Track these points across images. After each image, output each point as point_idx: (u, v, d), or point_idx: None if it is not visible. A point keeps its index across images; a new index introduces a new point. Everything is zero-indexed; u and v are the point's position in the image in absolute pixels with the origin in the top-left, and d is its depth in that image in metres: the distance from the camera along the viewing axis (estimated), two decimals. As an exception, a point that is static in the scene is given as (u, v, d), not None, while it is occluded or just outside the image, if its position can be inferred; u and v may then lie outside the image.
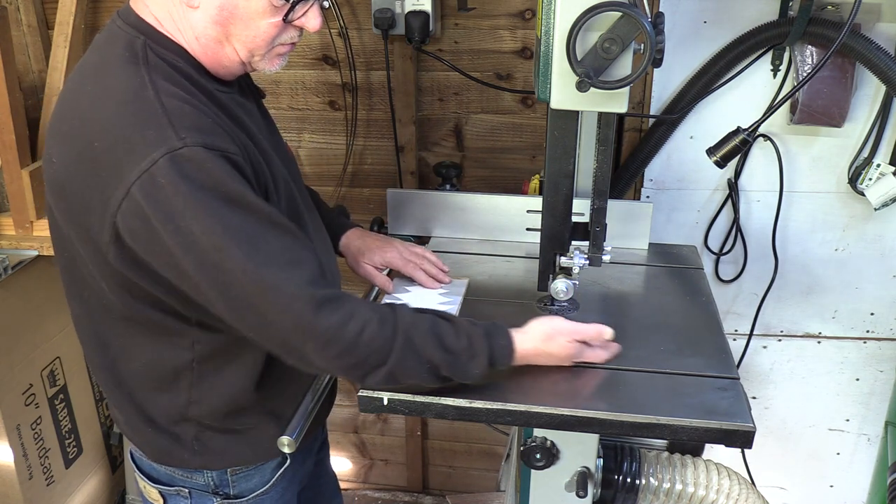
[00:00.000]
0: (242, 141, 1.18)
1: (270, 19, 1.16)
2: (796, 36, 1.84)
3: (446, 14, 2.07)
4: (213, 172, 1.08)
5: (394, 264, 1.59)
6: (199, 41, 1.17)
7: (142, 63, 1.13)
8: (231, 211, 1.08)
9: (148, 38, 1.16)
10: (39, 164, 2.08)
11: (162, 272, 1.12)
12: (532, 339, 1.28)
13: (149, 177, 1.05)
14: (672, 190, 2.14)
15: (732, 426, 1.19)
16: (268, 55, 1.21)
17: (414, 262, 1.60)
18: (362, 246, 1.60)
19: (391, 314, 1.18)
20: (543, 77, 1.23)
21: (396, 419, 2.62)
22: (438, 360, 1.19)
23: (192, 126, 1.09)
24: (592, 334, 1.32)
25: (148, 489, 1.41)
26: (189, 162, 1.06)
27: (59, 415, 2.31)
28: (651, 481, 1.48)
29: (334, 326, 1.12)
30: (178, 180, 1.05)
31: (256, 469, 1.39)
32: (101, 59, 1.18)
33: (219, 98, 1.20)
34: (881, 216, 2.07)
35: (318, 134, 2.26)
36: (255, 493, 1.40)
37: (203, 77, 1.19)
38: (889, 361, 2.26)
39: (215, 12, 1.14)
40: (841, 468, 2.43)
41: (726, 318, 2.25)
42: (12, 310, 2.11)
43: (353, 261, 1.60)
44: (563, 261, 1.46)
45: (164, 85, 1.12)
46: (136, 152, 1.06)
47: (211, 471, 1.35)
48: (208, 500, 1.38)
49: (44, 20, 2.22)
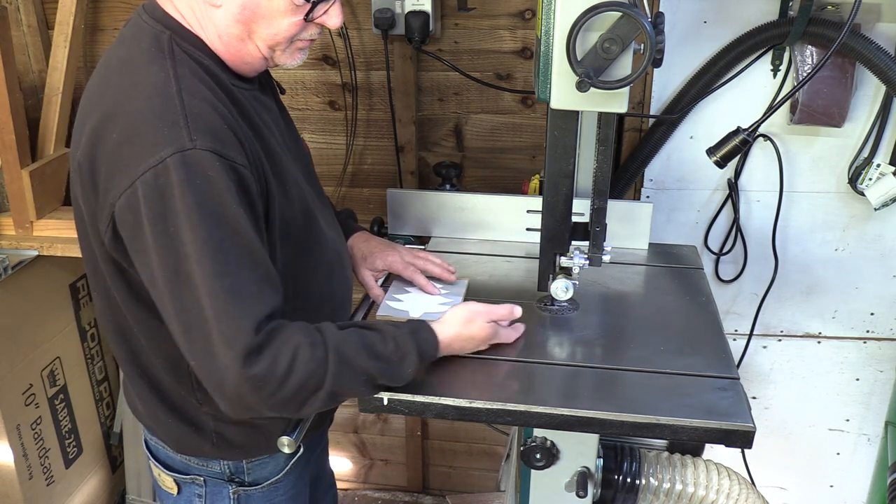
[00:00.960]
0: (253, 147, 1.19)
1: (292, 18, 1.18)
2: (796, 36, 1.84)
3: (446, 14, 2.07)
4: (215, 182, 1.09)
5: (395, 268, 1.59)
6: (221, 39, 1.19)
7: (168, 57, 1.15)
8: (219, 226, 1.09)
9: (174, 32, 1.18)
10: (39, 164, 2.09)
11: (139, 270, 1.13)
12: (452, 326, 1.30)
13: (153, 174, 1.07)
14: (672, 190, 2.14)
15: (732, 426, 1.19)
16: (288, 49, 1.23)
17: (415, 265, 1.60)
18: (366, 250, 1.61)
19: (319, 335, 1.17)
20: (543, 77, 1.23)
21: (396, 419, 2.62)
22: (373, 370, 1.19)
23: (207, 129, 1.10)
24: (504, 314, 1.37)
25: (163, 477, 1.44)
26: (195, 165, 1.07)
27: (59, 415, 2.31)
28: (651, 481, 1.48)
29: (263, 371, 1.11)
30: (179, 184, 1.06)
31: (271, 457, 1.41)
32: (127, 53, 1.19)
33: (237, 96, 1.21)
34: (881, 216, 2.07)
35: (318, 134, 2.26)
36: (270, 481, 1.42)
37: (224, 73, 1.21)
38: (889, 361, 2.26)
39: (237, 11, 1.16)
40: (841, 468, 2.43)
41: (726, 318, 2.25)
42: (12, 310, 2.11)
43: (356, 264, 1.61)
44: (563, 261, 1.46)
45: (189, 81, 1.14)
46: (147, 147, 1.08)
47: (227, 460, 1.38)
48: (223, 488, 1.40)
49: (44, 20, 2.22)
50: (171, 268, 1.08)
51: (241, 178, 1.12)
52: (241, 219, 1.11)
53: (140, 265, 1.12)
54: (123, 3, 2.19)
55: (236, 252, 1.10)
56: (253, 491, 1.41)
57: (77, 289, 2.35)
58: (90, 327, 2.43)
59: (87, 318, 2.40)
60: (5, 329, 2.09)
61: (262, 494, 1.42)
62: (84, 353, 2.41)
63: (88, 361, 2.44)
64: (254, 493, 1.41)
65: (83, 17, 2.15)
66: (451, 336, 1.30)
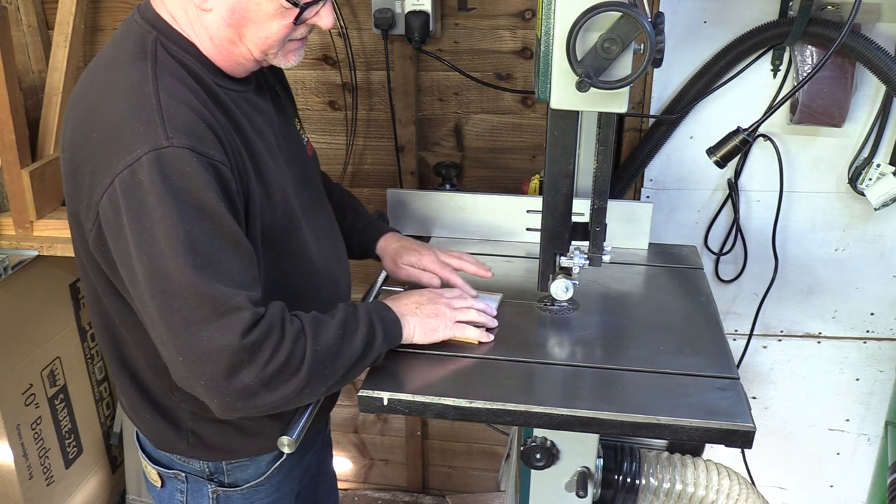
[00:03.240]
0: (235, 146, 1.19)
1: (282, 21, 1.18)
2: (796, 36, 1.84)
3: (446, 14, 2.07)
4: (192, 178, 1.09)
5: (430, 268, 1.56)
6: (213, 42, 1.20)
7: (149, 58, 1.16)
8: (199, 220, 1.09)
9: (161, 34, 1.19)
10: (39, 164, 2.09)
11: (121, 270, 1.14)
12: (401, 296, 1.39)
13: (130, 172, 1.07)
14: (672, 190, 2.14)
15: (732, 426, 1.19)
16: (281, 52, 1.24)
17: (452, 265, 1.57)
18: (400, 249, 1.59)
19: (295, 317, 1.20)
20: (543, 77, 1.23)
21: (396, 419, 2.62)
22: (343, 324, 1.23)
23: (183, 127, 1.10)
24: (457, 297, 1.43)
25: (149, 469, 1.45)
26: (171, 162, 1.08)
27: (59, 415, 2.31)
28: (651, 481, 1.48)
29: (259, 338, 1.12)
30: (156, 180, 1.07)
31: (252, 460, 1.40)
32: (113, 53, 1.21)
33: (222, 98, 1.21)
34: (881, 216, 2.07)
35: (318, 134, 2.26)
36: (250, 484, 1.41)
37: (211, 75, 1.21)
38: (889, 361, 2.26)
39: (227, 15, 1.16)
40: (841, 468, 2.43)
41: (726, 318, 2.25)
42: (12, 310, 2.11)
43: (392, 263, 1.59)
44: (563, 261, 1.46)
45: (167, 81, 1.14)
46: (124, 145, 1.09)
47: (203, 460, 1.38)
48: (203, 486, 1.40)
49: (44, 20, 2.22)
50: (149, 264, 1.09)
51: (219, 174, 1.13)
52: (221, 211, 1.11)
53: (121, 263, 1.13)
54: (123, 3, 2.19)
55: (219, 244, 1.11)
56: (232, 492, 1.41)
57: (77, 289, 2.35)
58: (90, 327, 2.43)
59: (87, 318, 2.40)
60: (5, 329, 2.09)
61: (242, 497, 1.42)
62: (84, 353, 2.41)
63: (88, 361, 2.44)
64: (233, 494, 1.41)
65: (83, 17, 2.15)
66: (401, 303, 1.36)
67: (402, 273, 1.58)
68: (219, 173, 1.13)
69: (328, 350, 1.19)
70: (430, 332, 1.35)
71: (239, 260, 1.14)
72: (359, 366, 1.25)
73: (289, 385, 1.15)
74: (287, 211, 1.30)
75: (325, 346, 1.18)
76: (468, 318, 1.40)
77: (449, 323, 1.37)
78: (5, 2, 2.13)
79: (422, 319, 1.35)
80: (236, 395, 1.13)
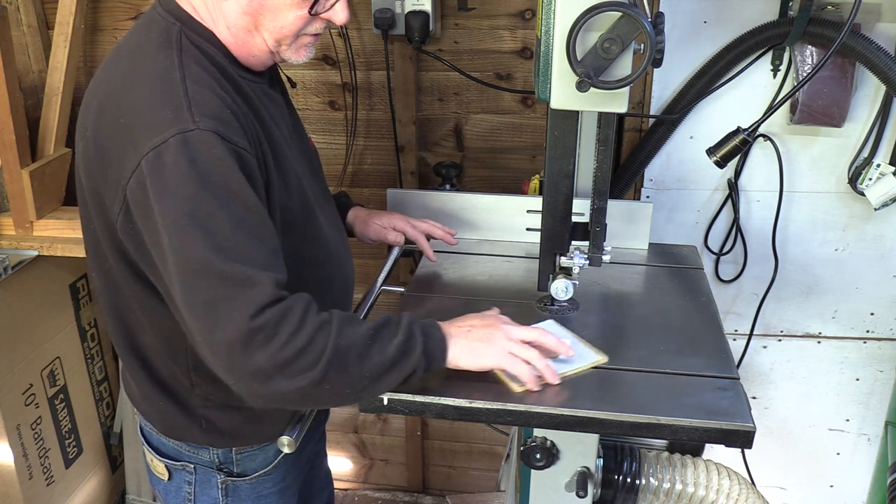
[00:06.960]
0: (256, 134, 1.21)
1: (298, 11, 1.21)
2: (796, 36, 1.84)
3: (446, 14, 2.07)
4: (219, 160, 1.11)
5: (401, 227, 1.66)
6: (230, 30, 1.22)
7: (175, 47, 1.19)
8: (225, 201, 1.10)
9: (184, 25, 1.22)
10: (39, 164, 2.09)
11: (151, 250, 1.15)
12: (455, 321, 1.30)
13: (156, 153, 1.09)
14: (672, 190, 2.14)
15: (732, 426, 1.19)
16: (294, 45, 1.26)
17: (420, 227, 1.66)
18: (371, 213, 1.69)
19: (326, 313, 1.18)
20: (543, 77, 1.23)
21: (396, 419, 2.62)
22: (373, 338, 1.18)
23: (209, 113, 1.13)
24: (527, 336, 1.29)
25: (155, 462, 1.45)
26: (198, 145, 1.10)
27: (59, 415, 2.31)
28: (651, 481, 1.48)
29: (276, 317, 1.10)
30: (183, 161, 1.08)
31: (261, 449, 1.42)
32: (137, 42, 1.23)
33: (244, 88, 1.24)
34: (881, 216, 2.07)
35: (318, 134, 2.26)
36: (258, 473, 1.43)
37: (232, 66, 1.24)
38: (889, 361, 2.26)
39: (245, 2, 1.19)
40: (841, 468, 2.43)
41: (726, 318, 2.25)
42: (12, 310, 2.11)
43: (363, 225, 1.66)
44: (563, 261, 1.46)
45: (193, 69, 1.17)
46: (152, 129, 1.10)
47: (216, 448, 1.38)
48: (212, 476, 1.41)
49: (44, 20, 2.22)
50: (175, 242, 1.09)
51: (243, 160, 1.14)
52: (248, 192, 1.13)
53: (151, 243, 1.13)
54: (123, 2, 2.19)
55: (245, 224, 1.12)
56: (241, 482, 1.42)
57: (77, 289, 2.35)
58: (90, 327, 2.43)
59: (87, 318, 2.40)
60: (5, 329, 2.09)
61: (250, 486, 1.43)
62: (84, 353, 2.41)
63: (88, 361, 2.44)
64: (241, 483, 1.42)
65: (83, 17, 2.15)
66: (454, 324, 1.27)
67: (370, 231, 1.66)
68: (242, 159, 1.14)
69: (352, 346, 1.15)
70: (476, 356, 1.24)
71: (264, 242, 1.14)
72: (390, 376, 1.18)
73: (306, 375, 1.12)
74: (303, 200, 1.33)
75: (348, 341, 1.15)
76: (525, 356, 1.25)
77: (501, 351, 1.24)
78: (5, 2, 2.13)
79: (470, 343, 1.24)
80: (251, 376, 1.11)
